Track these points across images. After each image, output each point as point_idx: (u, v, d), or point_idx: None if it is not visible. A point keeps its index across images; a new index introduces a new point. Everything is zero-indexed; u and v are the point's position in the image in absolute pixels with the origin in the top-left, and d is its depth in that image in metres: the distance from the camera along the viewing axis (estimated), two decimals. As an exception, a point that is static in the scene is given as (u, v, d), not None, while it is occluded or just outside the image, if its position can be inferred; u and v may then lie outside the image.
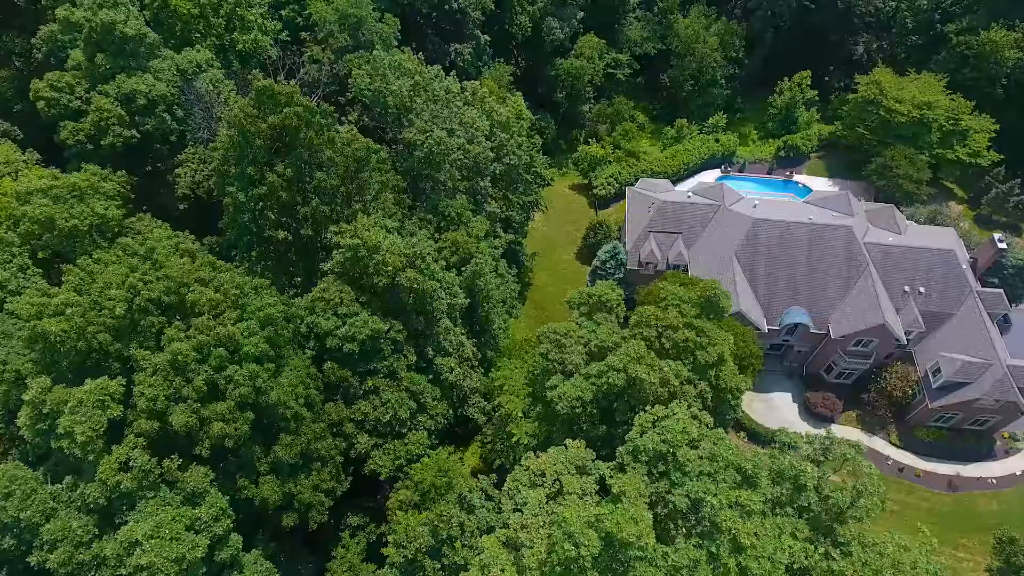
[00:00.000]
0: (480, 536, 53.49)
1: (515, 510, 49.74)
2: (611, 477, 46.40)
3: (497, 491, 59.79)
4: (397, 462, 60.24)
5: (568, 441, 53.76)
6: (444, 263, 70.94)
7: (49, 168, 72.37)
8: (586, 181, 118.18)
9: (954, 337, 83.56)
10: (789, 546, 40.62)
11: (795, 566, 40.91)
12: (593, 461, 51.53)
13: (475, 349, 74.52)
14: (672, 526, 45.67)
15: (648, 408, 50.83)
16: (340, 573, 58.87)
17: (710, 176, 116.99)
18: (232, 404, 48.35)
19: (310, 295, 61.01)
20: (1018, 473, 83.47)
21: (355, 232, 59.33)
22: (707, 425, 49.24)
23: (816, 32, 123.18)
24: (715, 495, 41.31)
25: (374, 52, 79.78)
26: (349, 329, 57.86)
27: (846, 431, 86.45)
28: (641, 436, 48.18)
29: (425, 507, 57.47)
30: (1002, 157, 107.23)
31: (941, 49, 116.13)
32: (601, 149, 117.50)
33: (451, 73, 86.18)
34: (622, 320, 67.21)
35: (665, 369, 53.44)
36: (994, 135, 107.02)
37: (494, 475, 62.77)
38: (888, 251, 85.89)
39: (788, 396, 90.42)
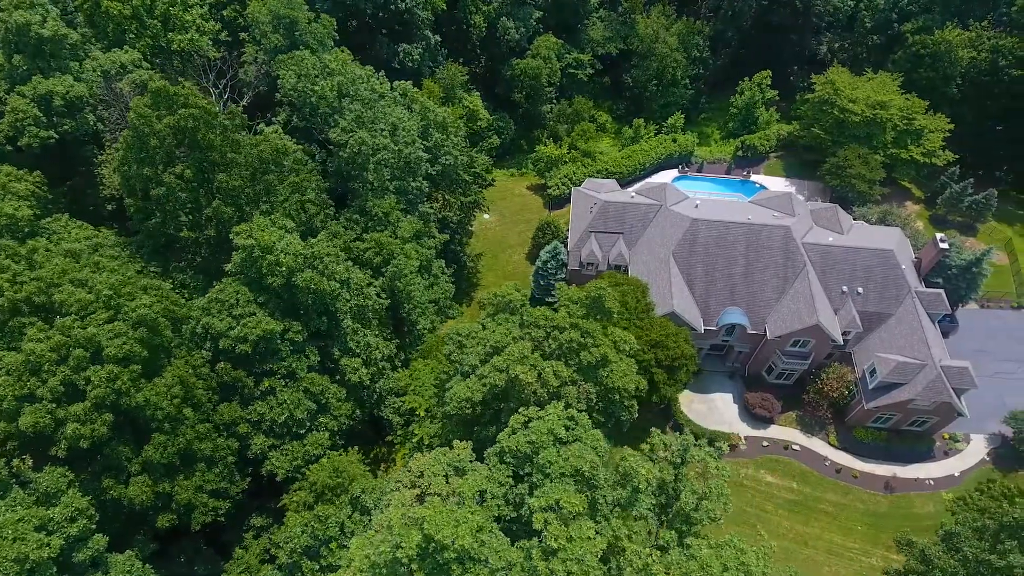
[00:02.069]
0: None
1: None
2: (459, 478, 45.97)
3: (395, 492, 59.40)
4: (295, 463, 59.92)
5: (455, 442, 53.26)
6: (352, 262, 70.63)
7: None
8: (543, 181, 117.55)
9: (891, 337, 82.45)
10: (619, 548, 40.11)
11: (628, 568, 40.30)
12: (471, 462, 51.06)
13: (396, 350, 74.24)
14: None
15: (524, 409, 50.36)
16: (236, 574, 58.64)
17: (667, 176, 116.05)
18: (89, 405, 48.15)
19: (206, 296, 60.87)
20: (956, 474, 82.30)
21: (250, 233, 59.15)
22: (583, 427, 48.61)
23: (778, 32, 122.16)
24: (541, 498, 40.82)
25: (297, 52, 79.65)
26: (241, 330, 57.66)
27: (785, 432, 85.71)
28: (510, 437, 47.73)
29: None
30: (957, 157, 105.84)
31: (899, 49, 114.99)
32: (557, 149, 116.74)
33: (380, 72, 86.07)
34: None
35: (546, 369, 52.92)
36: (949, 135, 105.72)
37: (397, 476, 62.44)
38: (827, 251, 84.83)
39: (729, 397, 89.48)
